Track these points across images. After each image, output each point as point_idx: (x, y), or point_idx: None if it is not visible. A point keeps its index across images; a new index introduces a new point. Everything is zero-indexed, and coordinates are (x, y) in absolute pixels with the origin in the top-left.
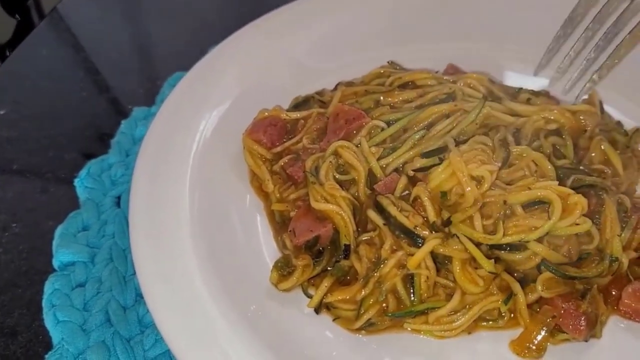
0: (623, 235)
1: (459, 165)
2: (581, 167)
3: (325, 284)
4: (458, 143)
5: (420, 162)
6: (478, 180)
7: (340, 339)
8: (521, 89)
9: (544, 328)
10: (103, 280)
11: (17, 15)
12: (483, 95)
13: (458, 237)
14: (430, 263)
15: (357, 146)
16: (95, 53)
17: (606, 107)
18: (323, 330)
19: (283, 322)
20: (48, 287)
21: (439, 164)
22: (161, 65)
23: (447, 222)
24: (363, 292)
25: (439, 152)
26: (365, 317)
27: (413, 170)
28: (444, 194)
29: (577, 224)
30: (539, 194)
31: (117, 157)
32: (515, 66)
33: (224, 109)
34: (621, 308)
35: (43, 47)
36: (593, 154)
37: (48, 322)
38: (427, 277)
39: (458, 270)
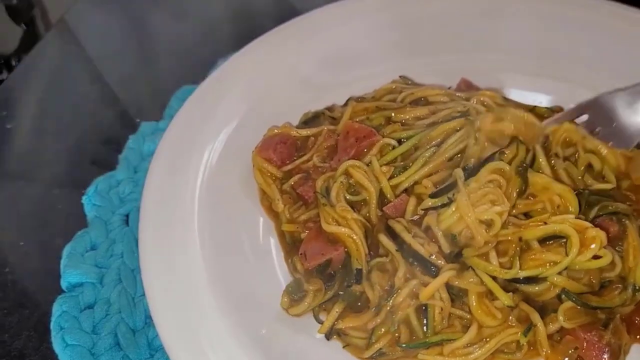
0: None
1: (466, 210)
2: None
3: (337, 309)
4: (469, 173)
5: (429, 202)
6: (488, 224)
7: None
8: (536, 107)
9: (566, 359)
10: (112, 302)
11: (23, 25)
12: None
13: (474, 270)
14: (444, 294)
15: (367, 165)
16: (102, 64)
17: None
18: (334, 356)
19: (293, 348)
20: (56, 309)
21: (447, 203)
22: (169, 78)
23: (459, 254)
24: (375, 321)
25: (448, 190)
26: (377, 347)
27: (423, 210)
28: (454, 236)
29: (598, 257)
30: (556, 228)
31: (125, 174)
32: (529, 80)
33: (233, 126)
34: None
35: (49, 59)
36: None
37: (56, 345)
38: (442, 309)
39: (474, 304)
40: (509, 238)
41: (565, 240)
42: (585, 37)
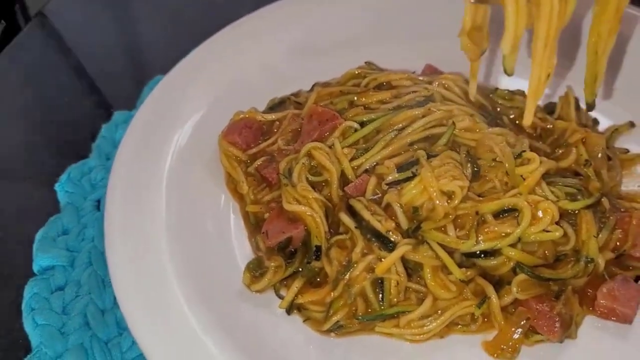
0: (600, 236)
1: (430, 181)
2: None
3: (296, 285)
4: (430, 156)
5: (393, 176)
6: (449, 196)
7: (313, 340)
8: (497, 88)
9: (519, 329)
10: (82, 284)
11: (2, 21)
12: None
13: (429, 244)
14: (400, 268)
15: (330, 147)
16: (79, 56)
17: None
18: (295, 331)
19: (256, 323)
20: (27, 291)
21: (412, 177)
22: (144, 68)
23: (417, 229)
24: (332, 295)
25: (412, 166)
26: (334, 319)
27: (386, 184)
28: (416, 209)
29: (548, 231)
30: (510, 201)
31: (97, 161)
32: (492, 66)
33: (201, 112)
34: (597, 308)
35: (27, 51)
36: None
37: (27, 325)
38: (397, 283)
39: (429, 277)
40: (467, 212)
41: (518, 213)
42: None
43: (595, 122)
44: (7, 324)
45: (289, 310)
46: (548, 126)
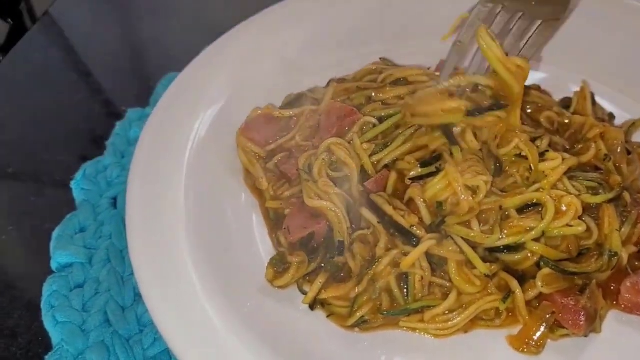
0: (623, 230)
1: (455, 176)
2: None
3: (320, 280)
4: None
5: (417, 171)
6: (473, 191)
7: (336, 335)
8: None
9: (544, 324)
10: (101, 281)
11: (9, 19)
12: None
13: (453, 239)
14: (425, 263)
15: (349, 143)
16: (88, 55)
17: (598, 100)
18: (318, 326)
19: (279, 319)
20: (47, 289)
21: (436, 172)
22: (154, 66)
23: (441, 223)
24: (357, 290)
25: (436, 161)
26: (358, 315)
27: (410, 179)
28: (440, 204)
29: (572, 226)
30: (533, 196)
31: (112, 159)
32: None
33: (217, 108)
34: (621, 302)
35: (36, 51)
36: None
37: (47, 323)
38: (422, 277)
39: (454, 271)
40: (491, 207)
41: (542, 208)
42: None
43: (612, 116)
44: (25, 322)
45: (312, 306)
46: (565, 121)
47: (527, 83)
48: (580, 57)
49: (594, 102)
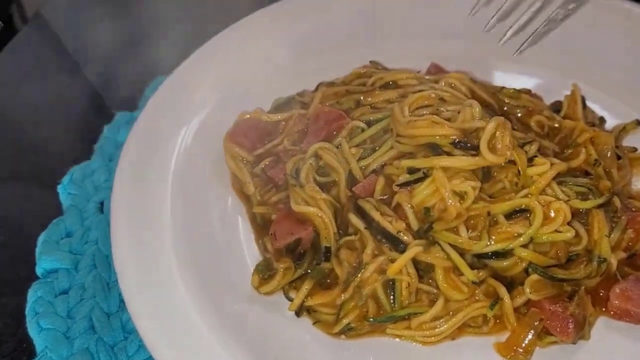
0: (612, 236)
1: (442, 181)
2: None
3: (306, 286)
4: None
5: (404, 177)
6: (461, 196)
7: (322, 343)
8: (503, 87)
9: (532, 331)
10: (86, 287)
11: (0, 21)
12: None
13: (440, 245)
14: (412, 270)
15: (337, 147)
16: (78, 58)
17: (589, 104)
18: (305, 333)
19: (264, 325)
20: (31, 295)
21: (424, 178)
22: (144, 69)
23: (428, 229)
24: (343, 297)
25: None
26: (345, 322)
27: (397, 185)
28: (427, 210)
29: (560, 231)
30: (522, 201)
31: (100, 163)
32: (498, 64)
33: (205, 113)
34: (610, 309)
35: (26, 52)
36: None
37: (32, 330)
38: (409, 284)
39: (441, 278)
40: (479, 212)
41: (530, 214)
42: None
43: (602, 120)
44: (10, 328)
45: (298, 313)
46: (555, 125)
47: (518, 87)
48: (571, 61)
49: (584, 106)
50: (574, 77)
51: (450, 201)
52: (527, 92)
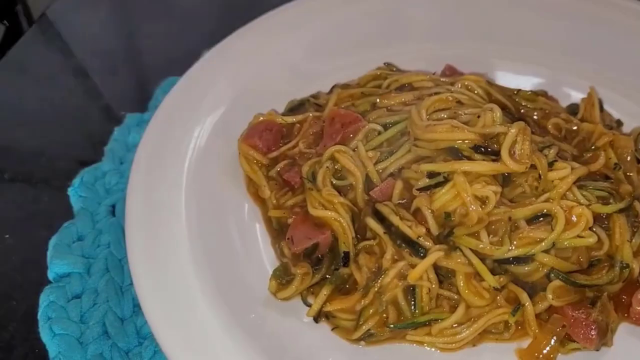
0: (634, 241)
1: (463, 186)
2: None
3: (325, 292)
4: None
5: (424, 181)
6: (482, 201)
7: (341, 349)
8: (520, 90)
9: (554, 337)
10: (99, 292)
11: (5, 21)
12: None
13: (461, 250)
14: (432, 275)
15: (353, 150)
16: (85, 59)
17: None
18: (323, 339)
19: (282, 331)
20: (43, 300)
21: (444, 182)
22: (153, 70)
23: (449, 234)
24: (363, 302)
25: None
26: (365, 328)
27: (417, 190)
28: (448, 215)
29: (582, 237)
30: (543, 206)
31: (110, 165)
32: (513, 66)
33: (219, 115)
34: (632, 315)
35: (32, 54)
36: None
37: (44, 335)
38: (429, 290)
39: (462, 284)
40: (500, 217)
41: (552, 219)
42: (571, 25)
43: (619, 123)
44: (22, 334)
45: (317, 318)
46: (573, 127)
47: (534, 89)
48: (587, 63)
49: (601, 109)
50: (590, 80)
51: (472, 206)
52: (544, 94)
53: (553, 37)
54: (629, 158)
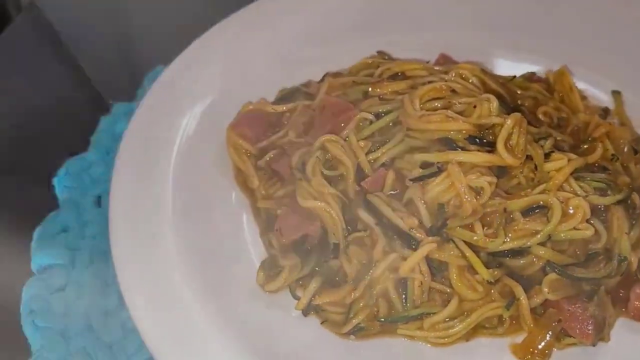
0: (632, 233)
1: (458, 176)
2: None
3: (314, 284)
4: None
5: (417, 171)
6: (477, 192)
7: (330, 343)
8: (514, 77)
9: (549, 332)
10: (84, 284)
11: None
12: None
13: (455, 243)
14: (424, 268)
15: (345, 140)
16: (73, 47)
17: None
18: (312, 333)
19: (270, 325)
20: (26, 292)
21: (438, 172)
22: (142, 58)
23: (442, 226)
24: (353, 295)
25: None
26: (354, 322)
27: (410, 180)
28: (441, 206)
29: (579, 229)
30: (539, 198)
31: (97, 155)
32: (508, 54)
33: (207, 103)
34: (630, 310)
35: (20, 41)
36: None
37: (27, 328)
38: (421, 283)
39: (455, 277)
40: (495, 209)
41: (548, 210)
42: (566, 12)
43: (607, 111)
44: (3, 327)
45: (305, 312)
46: (563, 115)
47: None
48: (582, 50)
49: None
50: (582, 66)
51: (466, 197)
52: (531, 75)
53: (548, 25)
54: (626, 149)
